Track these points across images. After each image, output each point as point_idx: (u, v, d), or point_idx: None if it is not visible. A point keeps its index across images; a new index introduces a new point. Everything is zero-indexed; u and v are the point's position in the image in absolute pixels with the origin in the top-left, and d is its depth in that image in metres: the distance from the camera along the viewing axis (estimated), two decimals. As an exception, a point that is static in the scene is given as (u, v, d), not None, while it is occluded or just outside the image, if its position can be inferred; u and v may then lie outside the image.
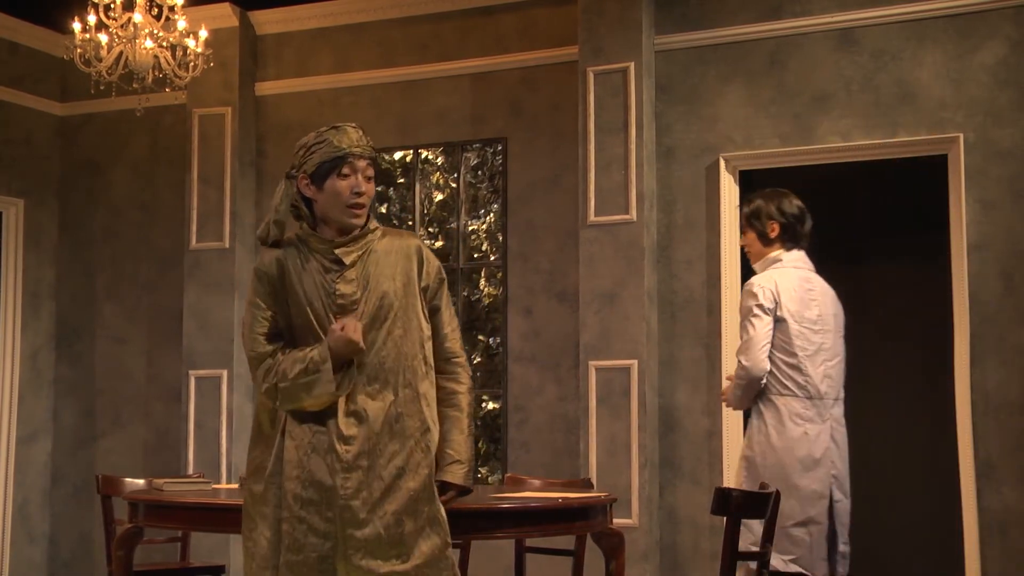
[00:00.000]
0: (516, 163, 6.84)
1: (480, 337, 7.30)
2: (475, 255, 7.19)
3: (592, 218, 6.31)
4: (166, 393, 7.41)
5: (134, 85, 5.86)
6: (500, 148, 6.97)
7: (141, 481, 5.17)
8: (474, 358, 7.24)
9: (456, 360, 3.49)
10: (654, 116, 6.41)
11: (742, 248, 4.89)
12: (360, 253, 3.38)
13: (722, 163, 6.30)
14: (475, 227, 7.26)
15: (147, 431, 7.46)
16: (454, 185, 7.20)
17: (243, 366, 6.78)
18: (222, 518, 4.06)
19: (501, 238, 6.92)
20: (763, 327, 4.47)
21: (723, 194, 6.29)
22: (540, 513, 3.88)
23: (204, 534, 6.22)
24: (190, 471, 6.90)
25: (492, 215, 7.16)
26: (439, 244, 7.34)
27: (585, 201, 6.33)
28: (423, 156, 7.29)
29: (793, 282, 4.55)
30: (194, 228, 7.24)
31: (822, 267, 4.71)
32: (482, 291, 7.36)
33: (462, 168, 7.10)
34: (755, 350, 4.45)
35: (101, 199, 7.73)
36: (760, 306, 4.48)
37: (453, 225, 7.19)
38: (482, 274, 7.27)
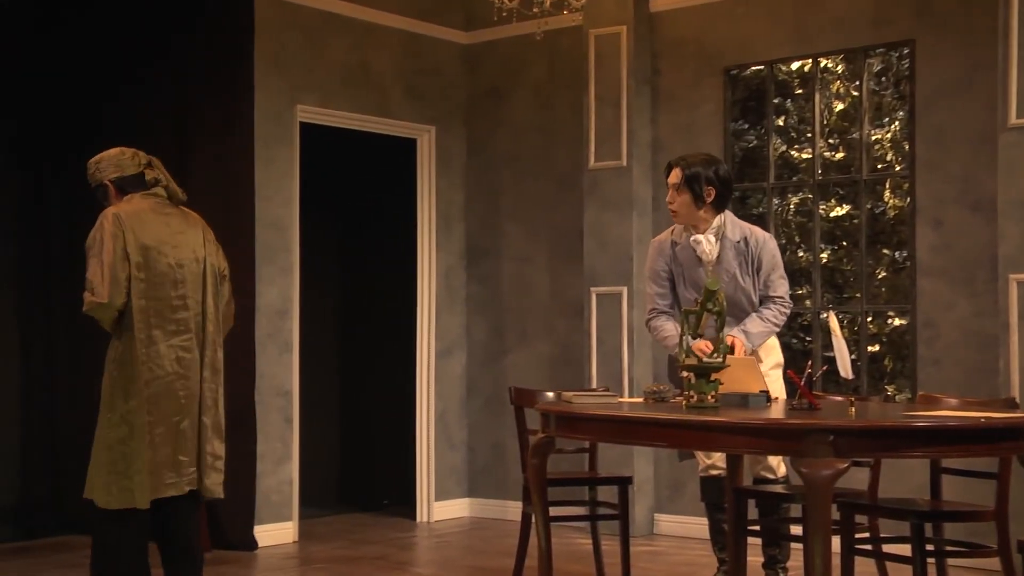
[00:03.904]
0: (924, 66, 6.44)
1: (884, 251, 7.00)
2: (879, 166, 6.88)
3: (1013, 120, 5.83)
4: (568, 309, 7.65)
5: (533, 10, 5.99)
6: (906, 52, 6.58)
7: (550, 394, 5.36)
8: (878, 273, 6.96)
9: None
10: (1087, 3, 5.81)
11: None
12: None
13: None
14: (878, 136, 6.93)
15: (551, 346, 7.75)
16: (855, 93, 6.88)
17: (643, 282, 6.86)
18: (628, 431, 4.16)
19: (907, 146, 6.56)
20: None
21: None
22: (960, 432, 3.68)
23: (609, 446, 6.39)
24: (593, 385, 7.11)
25: (897, 123, 6.80)
26: (839, 156, 7.07)
27: (1005, 102, 5.86)
28: (822, 65, 7.01)
29: None
30: (592, 148, 7.37)
31: None
32: (886, 203, 7.04)
33: (864, 75, 6.77)
34: None
35: (504, 123, 8.02)
36: None
37: (855, 135, 6.89)
38: (886, 185, 6.95)
